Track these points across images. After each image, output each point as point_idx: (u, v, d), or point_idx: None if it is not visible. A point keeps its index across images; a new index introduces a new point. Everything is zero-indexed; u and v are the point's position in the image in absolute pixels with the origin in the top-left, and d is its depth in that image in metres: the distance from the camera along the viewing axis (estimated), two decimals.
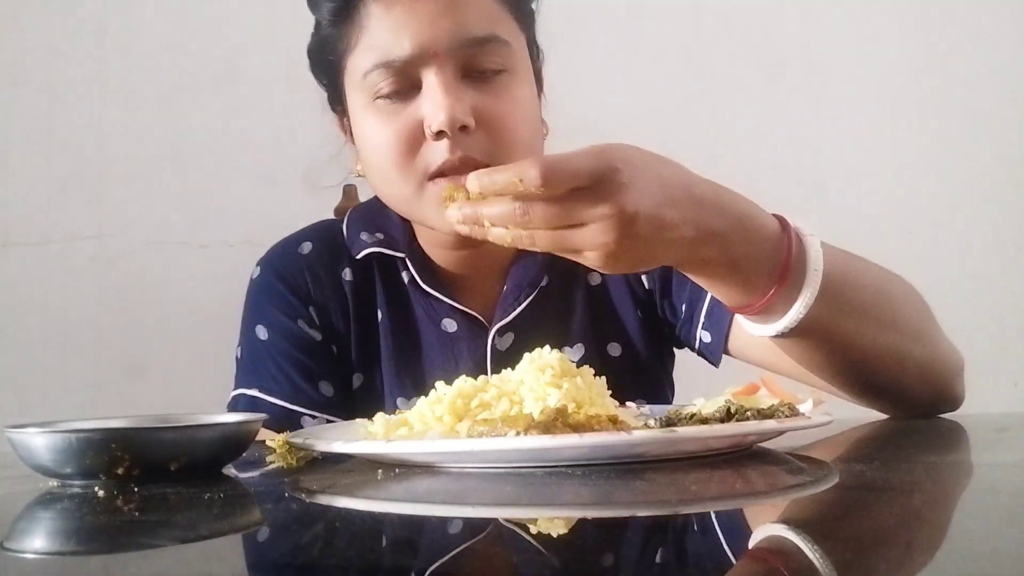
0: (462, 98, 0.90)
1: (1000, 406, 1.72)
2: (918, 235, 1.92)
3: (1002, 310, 1.93)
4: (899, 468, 0.67)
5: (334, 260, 1.05)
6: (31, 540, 0.55)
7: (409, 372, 1.03)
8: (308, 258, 1.06)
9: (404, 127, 0.92)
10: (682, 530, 0.50)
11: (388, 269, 1.05)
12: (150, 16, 1.77)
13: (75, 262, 1.73)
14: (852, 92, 1.95)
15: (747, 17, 1.93)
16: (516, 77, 0.95)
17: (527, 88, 0.97)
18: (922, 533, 0.48)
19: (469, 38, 0.91)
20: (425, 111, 0.91)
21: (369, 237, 1.05)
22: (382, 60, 0.91)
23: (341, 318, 1.04)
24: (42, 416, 0.78)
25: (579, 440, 0.62)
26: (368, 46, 0.93)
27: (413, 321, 1.04)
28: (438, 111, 0.89)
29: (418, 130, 0.91)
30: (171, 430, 0.71)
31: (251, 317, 1.05)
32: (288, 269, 1.05)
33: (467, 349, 1.02)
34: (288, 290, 1.04)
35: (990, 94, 1.96)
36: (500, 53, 0.93)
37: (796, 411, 0.70)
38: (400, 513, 0.60)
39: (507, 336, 1.03)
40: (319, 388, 1.02)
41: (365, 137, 0.96)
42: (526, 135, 0.95)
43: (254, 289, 1.07)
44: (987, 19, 1.97)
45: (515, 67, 0.95)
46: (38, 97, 1.74)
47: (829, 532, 0.49)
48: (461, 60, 0.91)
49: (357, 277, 1.05)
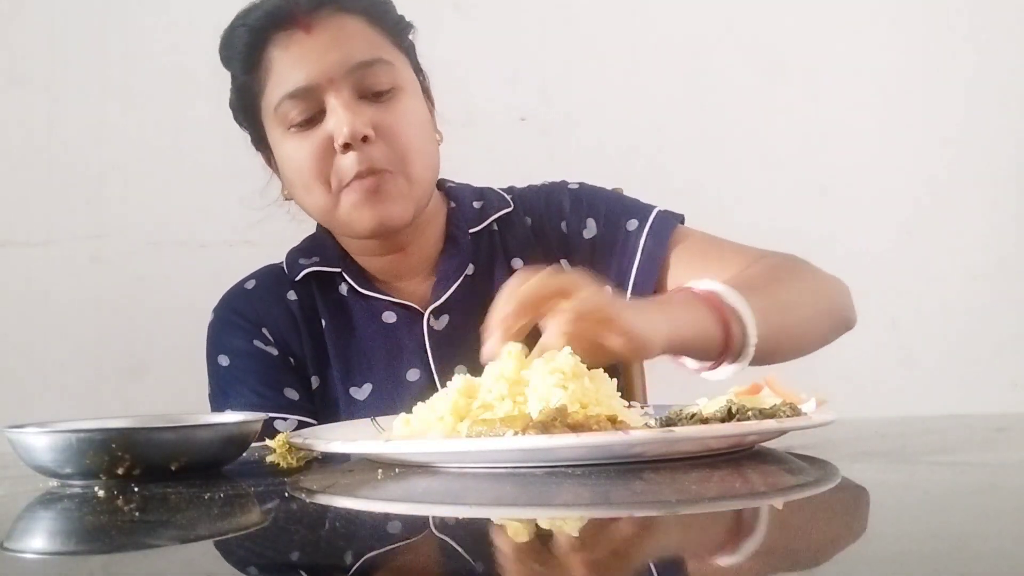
0: (360, 113, 1.05)
1: (1000, 406, 1.72)
2: (918, 235, 1.92)
3: (1002, 310, 1.93)
4: (899, 468, 0.67)
5: (278, 287, 1.17)
6: (31, 540, 0.55)
7: (355, 365, 1.14)
8: (255, 291, 1.18)
9: (316, 146, 1.06)
10: (682, 530, 0.50)
11: (326, 285, 1.17)
12: (150, 16, 1.77)
13: (75, 262, 1.73)
14: (852, 92, 1.94)
15: (747, 17, 1.93)
16: (405, 93, 1.09)
17: (417, 102, 1.11)
18: (922, 533, 0.48)
19: (358, 62, 1.05)
20: (331, 128, 1.05)
21: (306, 260, 1.17)
22: (287, 91, 1.06)
23: (292, 333, 1.15)
24: (42, 416, 0.78)
25: (577, 440, 0.62)
26: (275, 83, 1.07)
27: (352, 322, 1.15)
28: (342, 125, 1.04)
29: (328, 146, 1.05)
30: (171, 430, 0.71)
31: (212, 352, 1.15)
32: (238, 303, 1.17)
33: (407, 334, 1.13)
34: (240, 319, 1.15)
35: (990, 94, 1.96)
36: (387, 72, 1.07)
37: (798, 411, 0.70)
38: (400, 513, 0.60)
39: (442, 318, 1.14)
40: (284, 393, 1.12)
41: (285, 160, 1.10)
42: (420, 143, 1.09)
43: (211, 330, 1.17)
44: (987, 19, 1.97)
45: (403, 85, 1.09)
46: (38, 97, 1.74)
47: (829, 532, 0.49)
48: (354, 82, 1.06)
49: (300, 296, 1.16)
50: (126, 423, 0.74)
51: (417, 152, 1.08)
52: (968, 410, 0.96)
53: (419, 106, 1.12)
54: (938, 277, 1.89)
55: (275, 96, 1.07)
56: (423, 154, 1.09)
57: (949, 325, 1.93)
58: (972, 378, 0.90)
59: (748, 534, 0.50)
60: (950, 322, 1.92)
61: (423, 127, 1.11)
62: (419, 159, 1.08)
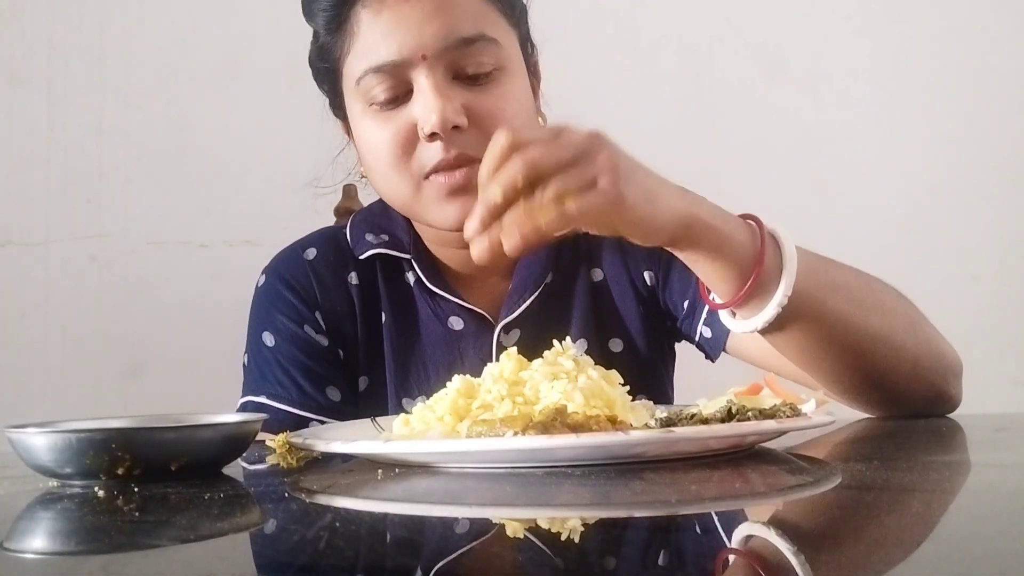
0: (453, 98, 0.92)
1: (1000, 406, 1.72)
2: (918, 235, 1.92)
3: (1002, 310, 1.93)
4: (899, 468, 0.67)
5: (340, 265, 1.06)
6: (31, 540, 0.55)
7: (413, 372, 1.04)
8: (314, 264, 1.06)
9: (399, 131, 0.94)
10: (681, 530, 0.50)
11: (392, 271, 1.06)
12: (151, 16, 1.77)
13: (75, 262, 1.73)
14: (852, 92, 1.95)
15: (747, 17, 1.93)
16: (507, 74, 0.96)
17: (519, 83, 0.98)
18: (922, 533, 0.48)
19: (457, 39, 0.92)
20: (417, 113, 0.93)
21: (374, 239, 1.06)
22: (372, 65, 0.93)
23: (348, 322, 1.04)
24: (42, 416, 0.78)
25: (576, 440, 0.62)
26: (359, 52, 0.95)
27: (416, 321, 1.05)
28: (429, 113, 0.91)
29: (412, 132, 0.93)
30: (171, 430, 0.71)
31: (258, 324, 1.06)
32: (294, 275, 1.06)
33: (472, 346, 1.03)
34: (294, 296, 1.05)
35: (990, 94, 1.96)
36: (489, 52, 0.94)
37: (798, 411, 0.70)
38: (400, 513, 0.60)
39: (513, 333, 1.03)
40: (326, 393, 1.02)
41: (363, 140, 0.98)
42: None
43: (260, 296, 1.07)
44: (988, 19, 1.97)
45: (506, 64, 0.96)
46: (38, 97, 1.74)
47: (829, 532, 0.49)
48: (451, 61, 0.93)
49: (363, 281, 1.05)
50: (126, 423, 0.74)
51: None
52: (968, 410, 0.96)
53: (521, 88, 0.98)
54: (938, 277, 1.89)
55: (359, 67, 0.94)
56: None
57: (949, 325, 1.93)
58: (972, 378, 0.90)
59: (748, 534, 0.50)
60: (950, 322, 1.92)
61: (524, 113, 0.97)
62: None
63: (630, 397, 0.76)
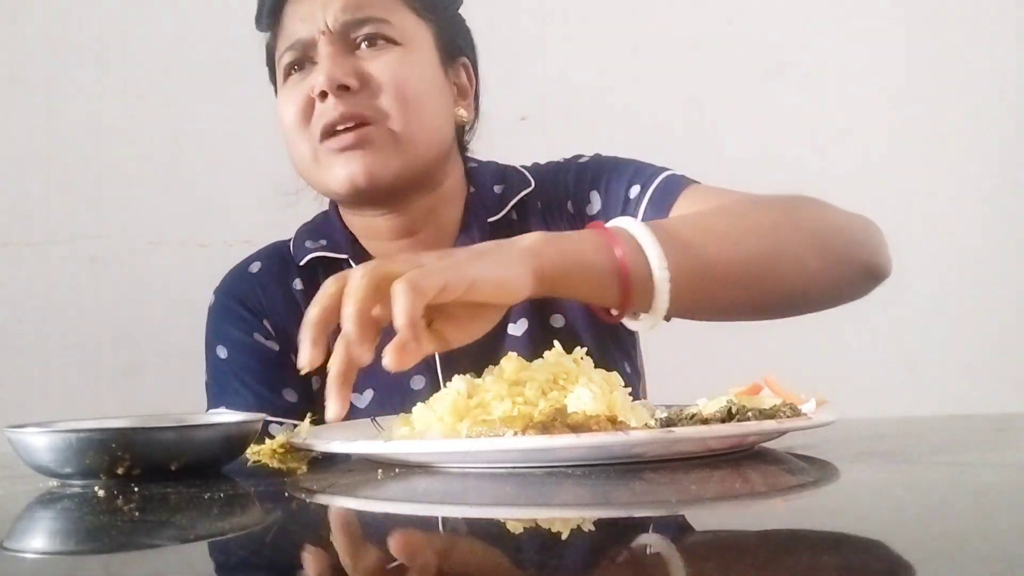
0: (343, 63, 1.01)
1: (1000, 406, 1.72)
2: (918, 235, 1.92)
3: (1002, 310, 1.93)
4: (899, 468, 0.67)
5: (283, 273, 1.11)
6: (31, 540, 0.55)
7: (359, 367, 1.06)
8: (259, 276, 1.12)
9: (300, 95, 1.03)
10: (681, 530, 0.50)
11: (333, 272, 1.08)
12: (150, 16, 1.77)
13: (75, 262, 1.73)
14: (852, 92, 1.95)
15: (747, 16, 1.93)
16: (403, 50, 1.04)
17: (417, 57, 1.05)
18: (922, 533, 0.48)
19: (353, 18, 1.02)
20: (313, 79, 1.02)
21: (313, 244, 1.11)
22: (288, 43, 1.05)
23: (296, 326, 1.03)
24: (42, 416, 0.78)
25: (576, 440, 0.62)
26: (284, 37, 1.06)
27: None
28: (319, 74, 1.01)
29: (312, 98, 1.02)
30: (171, 430, 0.71)
31: (211, 340, 1.10)
32: (240, 288, 1.11)
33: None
34: (242, 307, 1.10)
35: (990, 94, 1.96)
36: (383, 29, 1.03)
37: (798, 411, 0.70)
38: (400, 513, 0.60)
39: None
40: (283, 395, 1.06)
41: (278, 114, 1.07)
42: (414, 97, 1.02)
43: (211, 314, 1.12)
44: (987, 19, 1.97)
45: (402, 42, 1.04)
46: (38, 97, 1.74)
47: (829, 532, 0.49)
48: (346, 36, 1.02)
49: (307, 285, 1.09)
50: (126, 423, 0.74)
51: (407, 105, 1.01)
52: (968, 410, 0.95)
53: (419, 61, 1.05)
54: (938, 277, 1.90)
55: (281, 48, 1.06)
56: (416, 109, 1.02)
57: (949, 325, 1.94)
58: (972, 378, 0.90)
59: (748, 534, 0.50)
60: (950, 322, 1.92)
61: (420, 81, 1.04)
62: (410, 113, 1.01)
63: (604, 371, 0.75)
